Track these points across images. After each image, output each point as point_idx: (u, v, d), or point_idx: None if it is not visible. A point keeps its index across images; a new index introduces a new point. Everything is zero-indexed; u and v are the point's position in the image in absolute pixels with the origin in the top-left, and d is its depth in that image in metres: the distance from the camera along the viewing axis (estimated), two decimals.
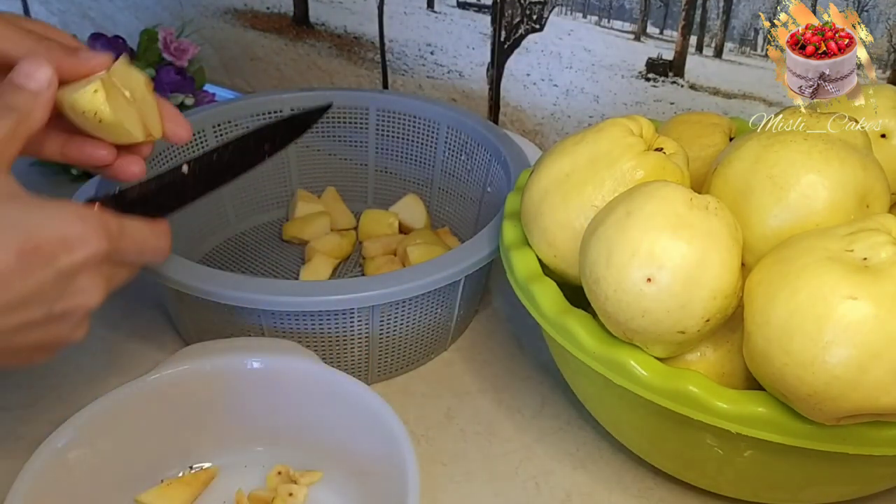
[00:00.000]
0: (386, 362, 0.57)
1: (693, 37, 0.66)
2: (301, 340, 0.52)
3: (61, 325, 0.38)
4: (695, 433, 0.42)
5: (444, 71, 0.80)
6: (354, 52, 0.84)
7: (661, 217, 0.39)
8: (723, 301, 0.39)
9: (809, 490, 0.44)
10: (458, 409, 0.56)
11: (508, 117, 0.79)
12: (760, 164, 0.43)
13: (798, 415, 0.39)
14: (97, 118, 0.41)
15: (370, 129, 0.72)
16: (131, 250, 0.41)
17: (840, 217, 0.41)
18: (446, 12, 0.77)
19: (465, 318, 0.61)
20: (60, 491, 0.43)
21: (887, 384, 0.35)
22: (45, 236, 0.36)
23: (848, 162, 0.41)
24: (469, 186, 0.69)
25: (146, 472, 0.48)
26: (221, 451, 0.50)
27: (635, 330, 0.40)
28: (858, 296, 0.35)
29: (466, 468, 0.52)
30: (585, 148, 0.46)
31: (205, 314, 0.54)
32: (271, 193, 0.73)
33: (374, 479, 0.46)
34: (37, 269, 0.36)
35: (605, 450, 0.53)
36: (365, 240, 0.70)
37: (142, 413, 0.47)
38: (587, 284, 0.42)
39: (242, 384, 0.48)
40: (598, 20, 0.70)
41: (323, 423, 0.48)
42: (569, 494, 0.50)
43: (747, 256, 0.42)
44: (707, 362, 0.44)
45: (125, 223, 0.40)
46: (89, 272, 0.38)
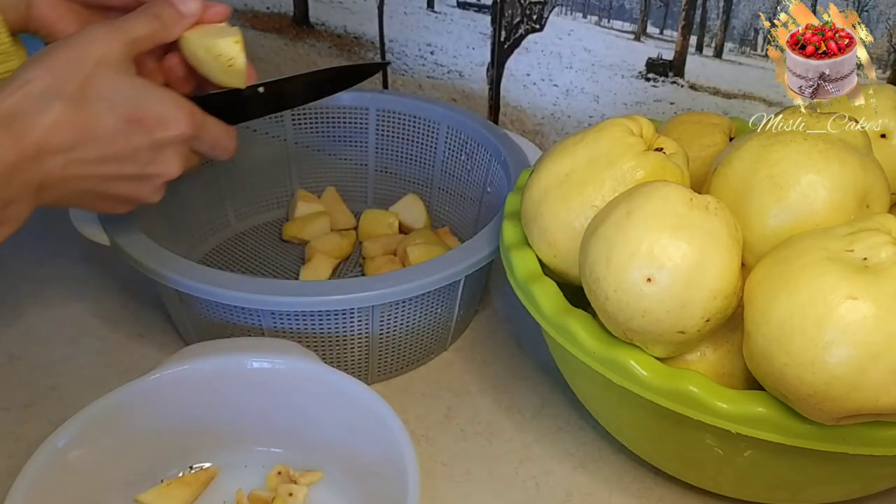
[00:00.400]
0: (386, 362, 0.57)
1: (693, 37, 0.66)
2: (301, 340, 0.52)
3: (145, 184, 0.48)
4: (695, 433, 0.42)
5: (444, 71, 0.80)
6: (354, 52, 0.84)
7: (661, 217, 0.39)
8: (723, 301, 0.39)
9: (809, 490, 0.44)
10: (458, 409, 0.56)
11: (508, 117, 0.79)
12: (760, 164, 0.43)
13: (798, 415, 0.39)
14: (229, 63, 0.50)
15: (370, 129, 0.72)
16: (207, 142, 0.50)
17: (840, 217, 0.41)
18: (446, 12, 0.77)
19: (465, 318, 0.61)
20: (60, 491, 0.43)
21: (887, 384, 0.35)
22: (148, 111, 0.45)
23: (848, 162, 0.41)
24: (469, 186, 0.69)
25: (146, 472, 0.48)
26: (221, 451, 0.50)
27: (635, 330, 0.40)
28: (858, 296, 0.35)
29: (466, 468, 0.52)
30: (585, 148, 0.46)
31: (205, 314, 0.54)
32: (271, 193, 0.73)
33: (374, 479, 0.46)
34: (137, 134, 0.45)
35: (605, 450, 0.53)
36: (365, 240, 0.70)
37: (142, 413, 0.47)
38: (587, 284, 0.42)
39: (242, 384, 0.48)
40: (598, 20, 0.70)
41: (323, 423, 0.48)
42: (569, 494, 0.50)
43: (747, 256, 0.42)
44: (707, 362, 0.44)
45: (207, 119, 0.49)
46: (174, 148, 0.47)
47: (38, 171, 0.43)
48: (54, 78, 0.43)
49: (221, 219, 0.71)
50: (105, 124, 0.45)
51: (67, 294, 0.65)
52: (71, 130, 0.43)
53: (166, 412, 0.48)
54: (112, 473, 0.46)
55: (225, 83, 0.51)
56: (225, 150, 0.51)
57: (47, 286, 0.65)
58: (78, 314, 0.63)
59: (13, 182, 0.42)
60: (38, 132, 0.42)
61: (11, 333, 0.61)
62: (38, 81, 0.43)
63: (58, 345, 0.60)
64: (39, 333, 0.61)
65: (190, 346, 0.50)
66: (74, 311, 0.63)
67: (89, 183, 0.46)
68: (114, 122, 0.45)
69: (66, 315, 0.63)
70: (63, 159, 0.44)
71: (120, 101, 0.45)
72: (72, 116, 0.43)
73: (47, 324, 0.62)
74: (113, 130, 0.45)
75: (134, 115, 0.45)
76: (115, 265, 0.67)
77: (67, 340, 0.61)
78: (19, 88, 0.43)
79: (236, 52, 0.50)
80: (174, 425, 0.48)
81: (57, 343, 0.60)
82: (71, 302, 0.64)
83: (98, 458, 0.45)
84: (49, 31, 0.51)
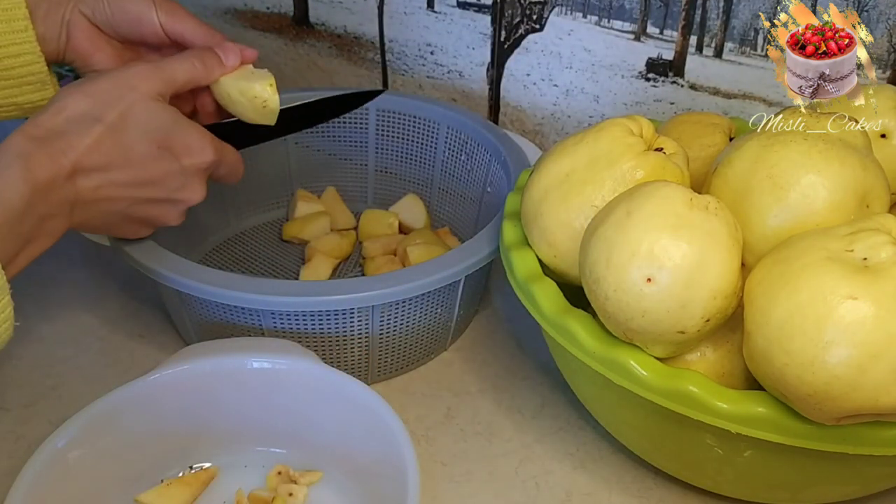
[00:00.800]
0: (386, 362, 0.57)
1: (693, 37, 0.66)
2: (301, 340, 0.52)
3: (172, 209, 0.51)
4: (695, 433, 0.42)
5: (444, 71, 0.80)
6: (354, 52, 0.84)
7: (661, 217, 0.39)
8: (723, 301, 0.39)
9: (809, 490, 0.44)
10: (458, 409, 0.56)
11: (508, 117, 0.79)
12: (760, 164, 0.43)
13: (798, 415, 0.39)
14: (263, 105, 0.54)
15: (370, 129, 0.72)
16: (225, 168, 0.53)
17: (840, 217, 0.41)
18: (446, 12, 0.77)
19: (465, 318, 0.61)
20: (60, 491, 0.43)
21: (887, 384, 0.35)
22: (178, 139, 0.49)
23: (848, 162, 0.41)
24: (469, 186, 0.69)
25: (146, 472, 0.48)
26: (221, 451, 0.50)
27: (635, 330, 0.40)
28: (858, 296, 0.35)
29: (466, 468, 0.52)
30: (585, 148, 0.46)
31: (205, 314, 0.54)
32: (271, 193, 0.73)
33: (374, 479, 0.46)
34: (168, 160, 0.48)
35: (605, 450, 0.53)
36: (365, 240, 0.70)
37: (142, 413, 0.47)
38: (587, 284, 0.42)
39: (242, 384, 0.48)
40: (598, 20, 0.70)
41: (323, 423, 0.48)
42: (569, 494, 0.50)
43: (747, 256, 0.42)
44: (707, 362, 0.44)
45: (225, 146, 0.52)
46: (201, 175, 0.51)
47: (73, 189, 0.45)
48: (94, 104, 0.46)
49: (221, 219, 0.71)
50: (139, 150, 0.47)
51: (67, 294, 0.65)
52: (106, 153, 0.46)
53: (166, 412, 0.48)
54: (112, 473, 0.46)
55: (255, 121, 0.55)
56: (237, 174, 0.55)
57: (47, 286, 0.65)
58: (78, 314, 0.63)
59: (50, 197, 0.44)
60: (75, 153, 0.45)
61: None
62: (78, 106, 0.46)
63: (58, 345, 0.60)
64: (39, 333, 0.61)
65: (190, 346, 0.51)
66: (74, 311, 0.63)
67: (120, 205, 0.48)
68: (146, 149, 0.47)
69: (66, 315, 0.63)
70: (97, 180, 0.46)
71: (153, 129, 0.48)
72: (108, 140, 0.46)
73: (47, 324, 0.62)
74: (146, 156, 0.48)
75: (165, 143, 0.48)
76: (115, 265, 0.67)
77: (67, 340, 0.61)
78: (59, 112, 0.45)
79: (269, 94, 0.53)
80: (174, 425, 0.48)
81: (57, 343, 0.60)
82: (71, 302, 0.64)
83: (98, 458, 0.45)
84: (84, 63, 0.54)
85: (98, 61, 0.54)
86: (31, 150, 0.43)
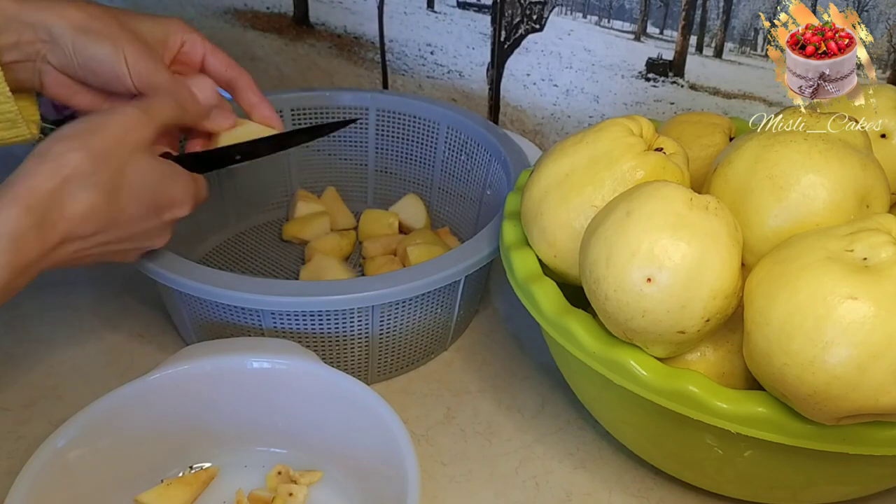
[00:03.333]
0: (386, 362, 0.57)
1: (693, 37, 0.66)
2: (301, 340, 0.52)
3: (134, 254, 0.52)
4: (695, 433, 0.42)
5: (444, 71, 0.80)
6: (354, 52, 0.84)
7: (661, 217, 0.39)
8: (723, 301, 0.39)
9: (809, 490, 0.44)
10: (458, 409, 0.56)
11: (508, 117, 0.79)
12: (760, 164, 0.43)
13: (798, 415, 0.39)
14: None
15: (370, 129, 0.72)
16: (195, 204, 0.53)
17: (840, 217, 0.41)
18: (446, 12, 0.77)
19: (465, 318, 0.61)
20: (60, 491, 0.43)
21: (887, 384, 0.35)
22: (165, 196, 0.49)
23: (848, 162, 0.41)
24: (469, 186, 0.69)
25: (146, 472, 0.48)
26: (221, 451, 0.50)
27: (635, 330, 0.40)
28: (858, 296, 0.35)
29: (466, 468, 0.52)
30: (585, 148, 0.46)
31: (205, 314, 0.54)
32: (271, 193, 0.73)
33: (374, 479, 0.46)
34: (151, 219, 0.49)
35: (605, 450, 0.53)
36: (365, 240, 0.70)
37: (142, 413, 0.47)
38: (587, 284, 0.42)
39: (242, 384, 0.48)
40: (598, 20, 0.70)
41: (323, 423, 0.48)
42: (569, 494, 0.50)
43: (747, 256, 0.42)
44: (707, 362, 0.44)
45: (200, 188, 0.52)
46: (173, 225, 0.51)
47: (53, 257, 0.45)
48: (93, 166, 0.45)
49: (221, 219, 0.71)
50: (129, 212, 0.47)
51: (67, 294, 0.65)
52: (97, 221, 0.45)
53: (166, 412, 0.48)
54: (112, 473, 0.46)
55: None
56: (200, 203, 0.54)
57: (47, 286, 0.65)
58: (78, 314, 0.63)
59: (31, 272, 0.43)
60: (67, 224, 0.44)
61: (11, 333, 0.61)
62: (78, 167, 0.44)
63: (58, 345, 0.60)
64: (39, 333, 0.61)
65: (190, 346, 0.51)
66: (74, 312, 0.63)
67: (91, 257, 0.48)
68: (136, 210, 0.47)
69: (66, 315, 0.63)
70: (79, 245, 0.46)
71: (146, 188, 0.48)
72: (102, 207, 0.45)
73: (47, 324, 0.62)
74: (133, 217, 0.48)
75: (153, 201, 0.48)
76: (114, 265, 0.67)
77: (67, 340, 0.61)
78: (58, 173, 0.44)
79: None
80: (174, 425, 0.48)
81: (57, 343, 0.60)
82: (71, 302, 0.64)
83: (98, 458, 0.45)
84: (67, 103, 0.54)
85: (78, 103, 0.53)
86: (24, 228, 0.42)
